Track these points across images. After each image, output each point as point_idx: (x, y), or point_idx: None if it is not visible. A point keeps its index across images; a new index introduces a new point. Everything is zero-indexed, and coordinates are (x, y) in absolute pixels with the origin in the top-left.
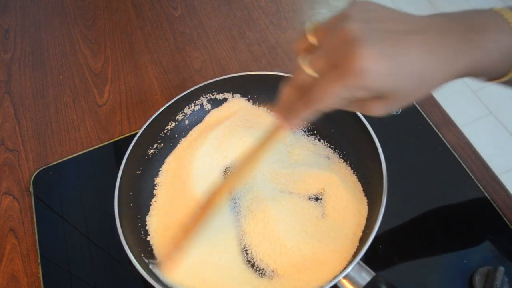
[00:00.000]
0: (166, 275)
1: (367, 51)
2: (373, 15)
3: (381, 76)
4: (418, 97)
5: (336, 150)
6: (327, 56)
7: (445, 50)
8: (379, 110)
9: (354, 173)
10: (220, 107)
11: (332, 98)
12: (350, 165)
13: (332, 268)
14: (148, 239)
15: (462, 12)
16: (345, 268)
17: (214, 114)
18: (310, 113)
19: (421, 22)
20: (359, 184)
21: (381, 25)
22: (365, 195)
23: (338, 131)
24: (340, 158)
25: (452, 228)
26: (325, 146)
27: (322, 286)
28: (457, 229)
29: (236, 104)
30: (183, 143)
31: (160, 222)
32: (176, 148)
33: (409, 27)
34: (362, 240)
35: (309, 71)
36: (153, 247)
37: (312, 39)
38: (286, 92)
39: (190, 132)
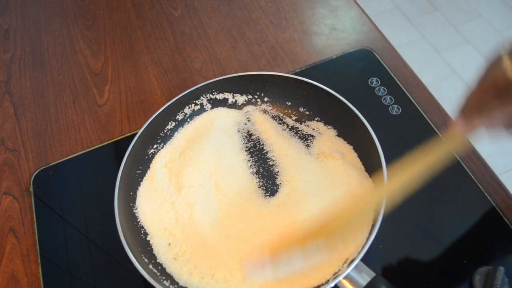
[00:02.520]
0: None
1: None
2: None
3: None
4: None
5: None
6: None
7: None
8: None
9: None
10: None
11: None
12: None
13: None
14: (148, 239)
15: None
16: (345, 269)
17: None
18: (504, 116)
19: None
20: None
21: None
22: None
23: (339, 132)
24: None
25: (452, 228)
26: None
27: (322, 287)
28: (457, 229)
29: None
30: (181, 142)
31: (160, 222)
32: (175, 147)
33: None
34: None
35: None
36: (153, 247)
37: None
38: (474, 94)
39: (183, 133)
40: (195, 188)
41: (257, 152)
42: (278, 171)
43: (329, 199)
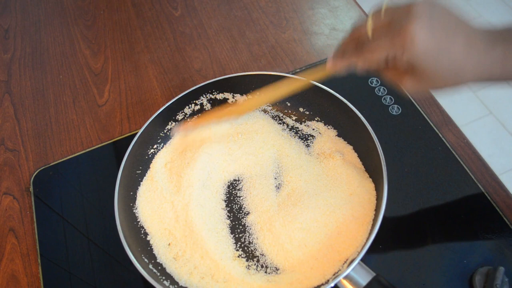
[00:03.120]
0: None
1: (422, 25)
2: (438, 7)
3: (425, 47)
4: (444, 85)
5: None
6: (388, 23)
7: (480, 51)
8: (408, 84)
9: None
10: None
11: (379, 51)
12: None
13: (335, 264)
14: (148, 239)
15: (507, 29)
16: (345, 269)
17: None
18: (357, 62)
19: (471, 27)
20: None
21: (441, 14)
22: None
23: (339, 132)
24: None
25: (452, 228)
26: None
27: (322, 287)
28: (457, 229)
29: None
30: (178, 141)
31: (160, 222)
32: (173, 146)
33: (461, 27)
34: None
35: (369, 31)
36: (153, 247)
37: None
38: (344, 41)
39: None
40: (194, 188)
41: None
42: (278, 171)
43: (329, 199)
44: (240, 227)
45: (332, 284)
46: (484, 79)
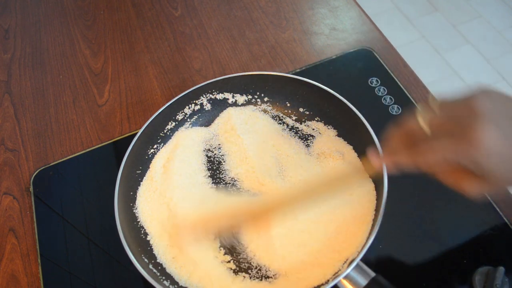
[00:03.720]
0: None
1: (489, 129)
2: (500, 101)
3: (493, 154)
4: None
5: None
6: (448, 121)
7: None
8: (472, 188)
9: None
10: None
11: (438, 157)
12: None
13: (334, 265)
14: (148, 239)
15: None
16: (345, 269)
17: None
18: (411, 164)
19: None
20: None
21: (506, 111)
22: None
23: (339, 132)
24: None
25: (452, 228)
26: None
27: (322, 287)
28: (457, 229)
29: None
30: (175, 141)
31: (159, 222)
32: (172, 146)
33: None
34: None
35: (424, 126)
36: (153, 247)
37: (434, 109)
38: (394, 136)
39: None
40: (191, 189)
41: None
42: (278, 171)
43: (329, 199)
44: None
45: (332, 284)
46: None
